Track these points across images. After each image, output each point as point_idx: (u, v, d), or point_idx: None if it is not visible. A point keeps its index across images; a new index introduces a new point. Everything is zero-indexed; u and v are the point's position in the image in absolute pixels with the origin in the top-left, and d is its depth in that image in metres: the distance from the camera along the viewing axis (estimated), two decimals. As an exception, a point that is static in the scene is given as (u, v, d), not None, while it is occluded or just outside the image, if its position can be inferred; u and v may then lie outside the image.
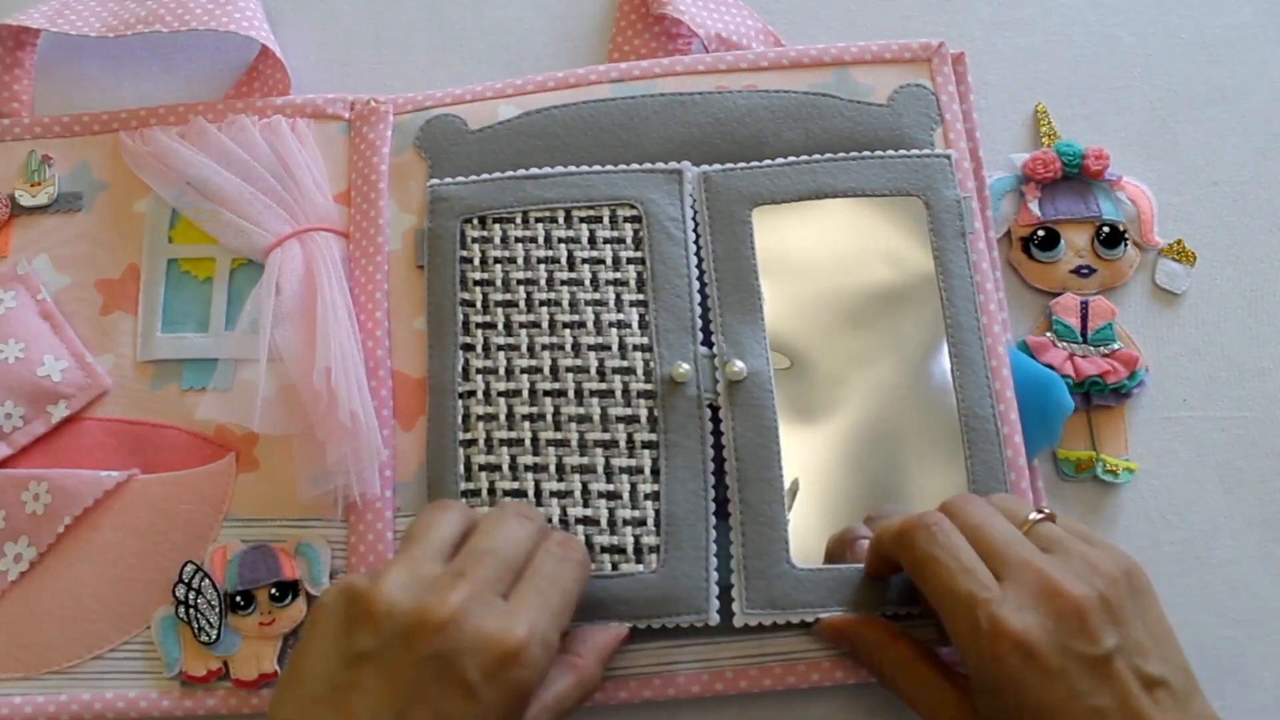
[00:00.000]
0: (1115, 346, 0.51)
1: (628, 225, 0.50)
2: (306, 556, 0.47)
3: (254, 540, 0.47)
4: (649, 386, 0.47)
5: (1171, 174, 0.56)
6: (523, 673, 0.36)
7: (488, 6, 0.60)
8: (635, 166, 0.50)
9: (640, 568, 0.46)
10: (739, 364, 0.47)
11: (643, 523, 0.46)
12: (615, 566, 0.46)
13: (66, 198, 0.53)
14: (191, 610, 0.46)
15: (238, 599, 0.46)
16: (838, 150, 0.51)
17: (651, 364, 0.48)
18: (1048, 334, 0.52)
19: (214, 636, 0.46)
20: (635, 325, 0.48)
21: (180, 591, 0.46)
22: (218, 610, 0.46)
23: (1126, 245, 0.52)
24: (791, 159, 0.50)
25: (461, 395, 0.48)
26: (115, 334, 0.51)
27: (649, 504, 0.46)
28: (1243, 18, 0.59)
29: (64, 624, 0.47)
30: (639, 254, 0.49)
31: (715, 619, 0.45)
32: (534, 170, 0.51)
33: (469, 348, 0.49)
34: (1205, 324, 0.53)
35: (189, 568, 0.46)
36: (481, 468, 0.47)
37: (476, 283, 0.49)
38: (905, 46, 0.54)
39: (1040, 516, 0.41)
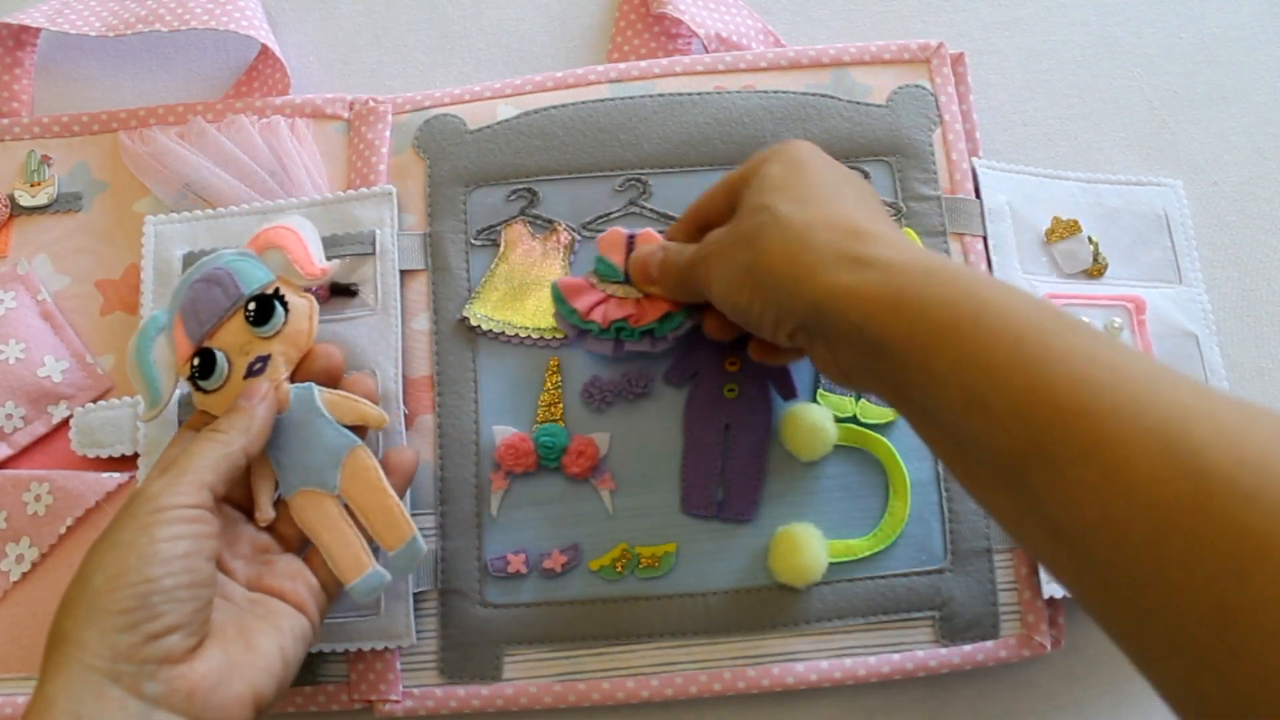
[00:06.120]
0: None
1: None
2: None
3: None
4: None
5: (1171, 174, 0.56)
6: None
7: (488, 6, 0.60)
8: None
9: None
10: None
11: None
12: None
13: (66, 198, 0.53)
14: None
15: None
16: (837, 150, 0.51)
17: None
18: (589, 275, 0.47)
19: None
20: None
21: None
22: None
23: (285, 303, 0.43)
24: None
25: None
26: (115, 334, 0.51)
27: None
28: (1242, 18, 0.59)
29: (65, 624, 0.47)
30: None
31: None
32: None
33: None
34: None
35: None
36: None
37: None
38: (904, 47, 0.53)
39: None
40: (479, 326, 0.49)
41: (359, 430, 0.44)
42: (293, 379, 0.44)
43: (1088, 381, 0.29)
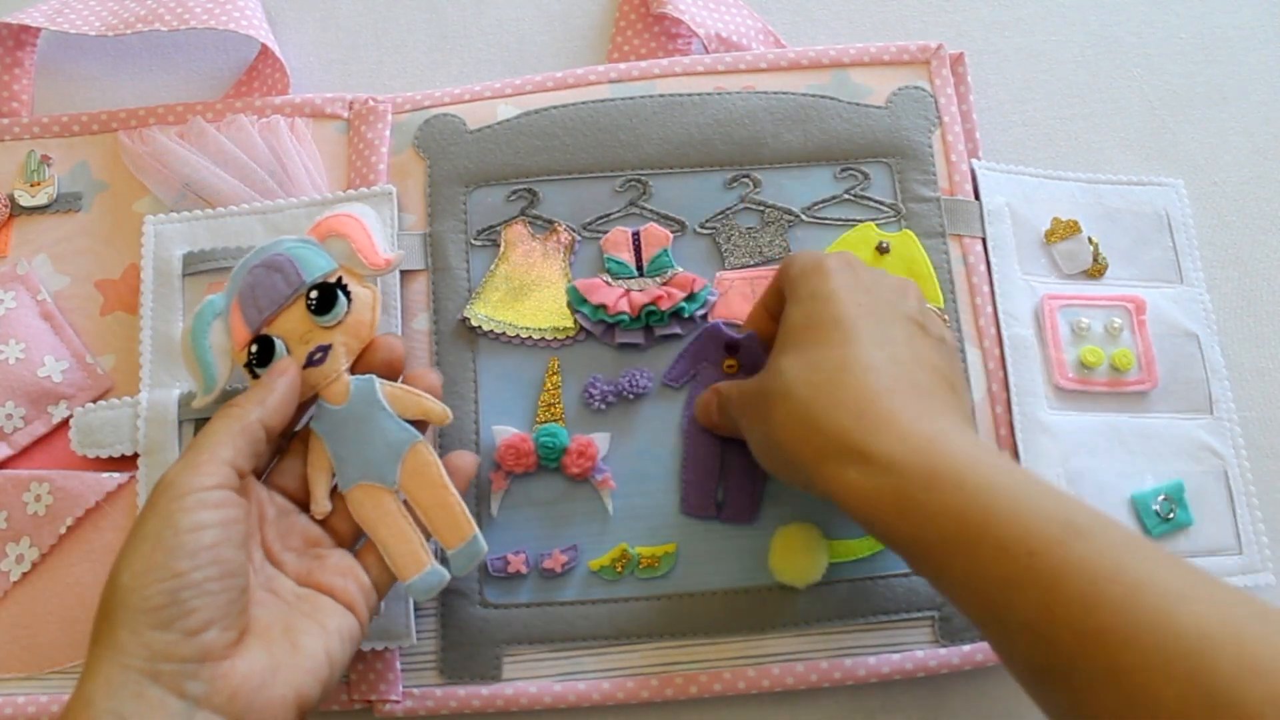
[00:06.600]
0: (673, 272, 0.49)
1: None
2: None
3: None
4: None
5: (1171, 174, 0.56)
6: None
7: (488, 6, 0.60)
8: None
9: None
10: None
11: None
12: None
13: (66, 198, 0.53)
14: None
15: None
16: (836, 152, 0.51)
17: None
18: (600, 275, 0.50)
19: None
20: None
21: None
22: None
23: (348, 293, 0.43)
24: None
25: None
26: (115, 334, 0.51)
27: None
28: (1242, 18, 0.59)
29: (66, 624, 0.47)
30: None
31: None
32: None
33: None
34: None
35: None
36: None
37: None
38: (903, 49, 0.53)
39: None
40: (479, 327, 0.49)
41: (420, 425, 0.43)
42: (353, 370, 0.43)
43: (1105, 600, 0.29)
